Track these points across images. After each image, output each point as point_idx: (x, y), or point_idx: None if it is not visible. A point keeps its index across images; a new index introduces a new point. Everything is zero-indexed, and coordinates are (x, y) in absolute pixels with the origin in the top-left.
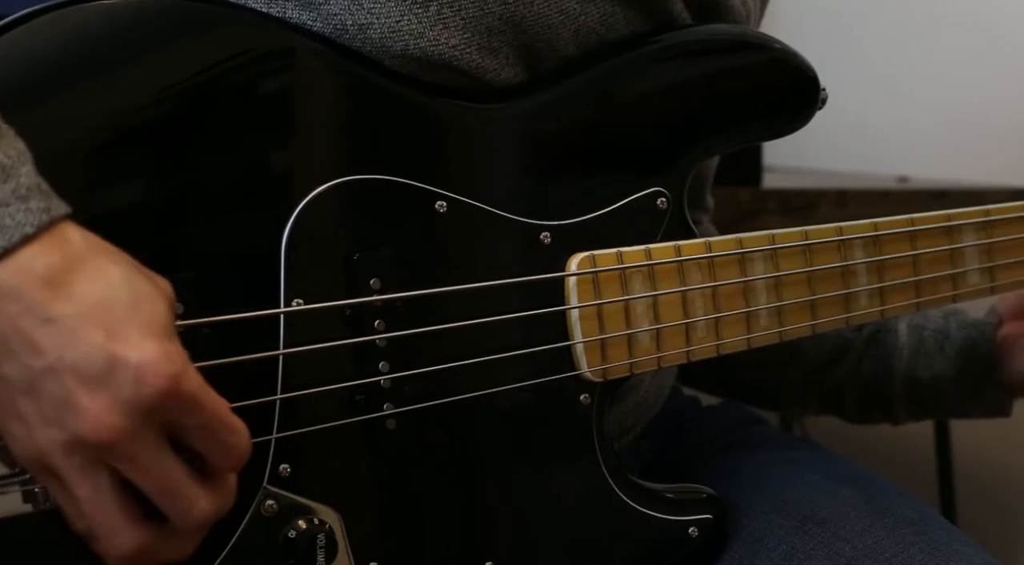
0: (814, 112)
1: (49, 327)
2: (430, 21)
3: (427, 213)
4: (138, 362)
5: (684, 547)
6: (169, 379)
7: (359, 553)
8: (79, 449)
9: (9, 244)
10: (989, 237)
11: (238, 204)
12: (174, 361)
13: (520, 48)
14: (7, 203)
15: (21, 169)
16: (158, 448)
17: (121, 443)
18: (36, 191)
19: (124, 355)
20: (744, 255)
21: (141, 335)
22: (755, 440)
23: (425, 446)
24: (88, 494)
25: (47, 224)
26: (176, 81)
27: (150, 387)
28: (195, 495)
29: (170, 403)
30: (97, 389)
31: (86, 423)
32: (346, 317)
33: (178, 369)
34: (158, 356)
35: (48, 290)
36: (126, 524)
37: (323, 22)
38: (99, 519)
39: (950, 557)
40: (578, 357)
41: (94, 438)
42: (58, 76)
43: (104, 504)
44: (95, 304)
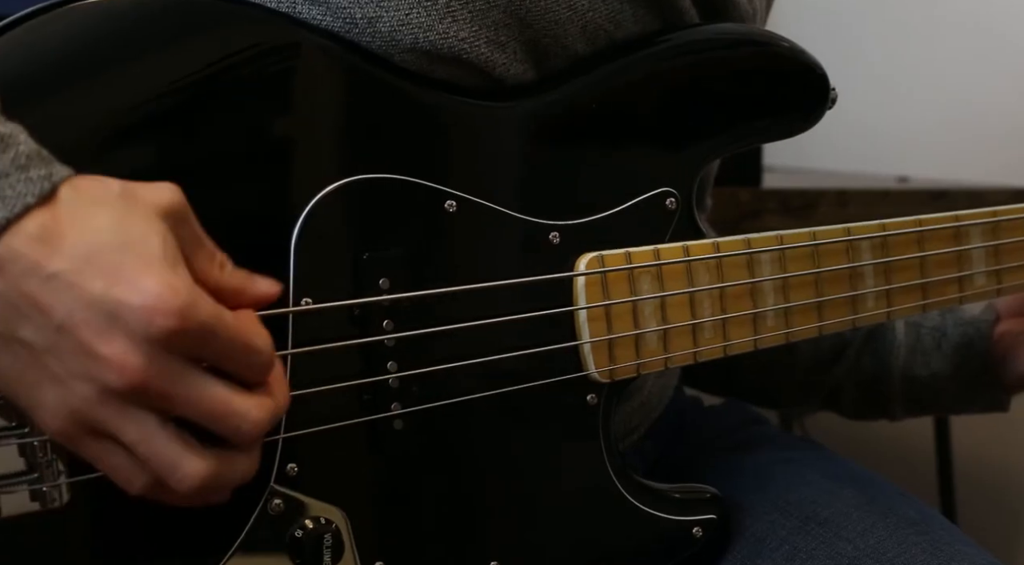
0: (824, 111)
1: (51, 284)
2: (439, 14)
3: (436, 213)
4: (141, 302)
5: (688, 547)
6: (175, 314)
7: (365, 553)
8: (113, 397)
9: (11, 215)
10: (996, 239)
11: (247, 203)
12: (178, 293)
13: (527, 43)
14: (7, 173)
15: (19, 137)
16: (189, 376)
17: (149, 381)
18: (36, 158)
19: (126, 298)
20: (752, 256)
21: (139, 273)
22: (757, 440)
23: (432, 446)
24: (137, 436)
25: (49, 191)
26: (182, 78)
27: (160, 325)
28: (243, 409)
29: (183, 336)
30: (110, 336)
31: (110, 370)
32: (355, 316)
33: (182, 301)
34: (160, 292)
35: (41, 247)
36: (185, 455)
37: (332, 16)
38: (157, 458)
39: (952, 557)
40: (586, 358)
41: (122, 383)
42: (62, 74)
43: (156, 442)
44: (87, 253)
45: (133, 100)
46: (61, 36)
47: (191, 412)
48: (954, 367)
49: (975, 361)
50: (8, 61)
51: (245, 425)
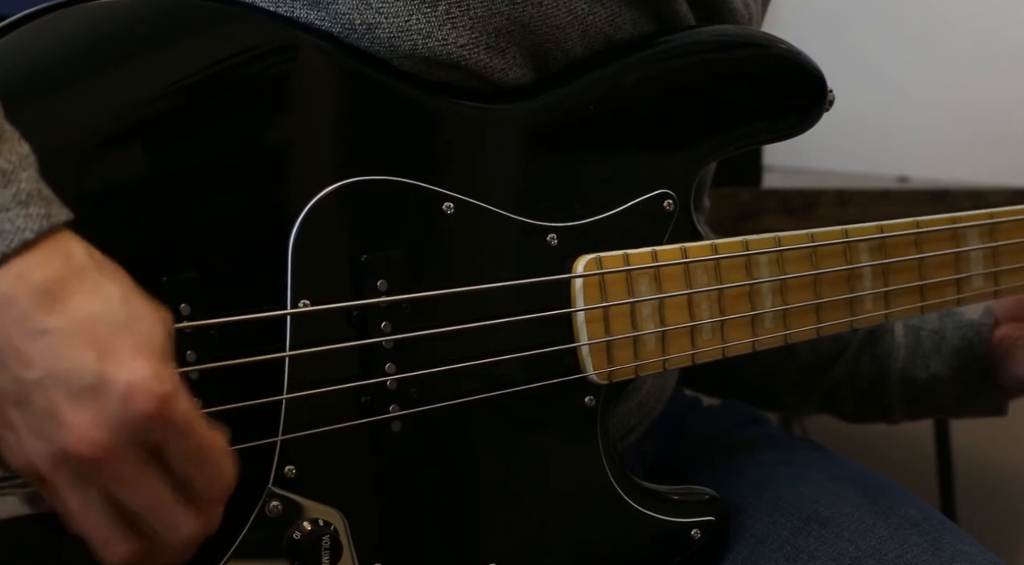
0: (822, 113)
1: (40, 339)
2: (439, 20)
3: (434, 214)
4: (127, 381)
5: (686, 549)
6: (157, 401)
7: (364, 555)
8: (65, 462)
9: (8, 250)
10: (994, 241)
11: (245, 205)
12: (164, 383)
13: (528, 49)
14: (7, 208)
15: (22, 174)
16: (143, 468)
17: (104, 460)
18: (37, 197)
19: (114, 373)
20: (750, 258)
21: (133, 355)
22: (756, 440)
23: (430, 448)
24: (78, 506)
25: (47, 230)
26: (180, 81)
27: (137, 407)
28: (180, 517)
29: (156, 425)
30: (83, 405)
31: (70, 437)
32: (352, 318)
33: (167, 392)
34: (148, 377)
35: (43, 302)
36: (116, 535)
37: (331, 21)
38: (90, 530)
39: (954, 557)
40: (584, 359)
41: (77, 452)
42: (60, 76)
43: (94, 516)
44: (89, 320)
45: (131, 102)
46: (61, 37)
47: (131, 500)
48: (953, 370)
49: (974, 364)
50: (8, 62)
51: (178, 532)
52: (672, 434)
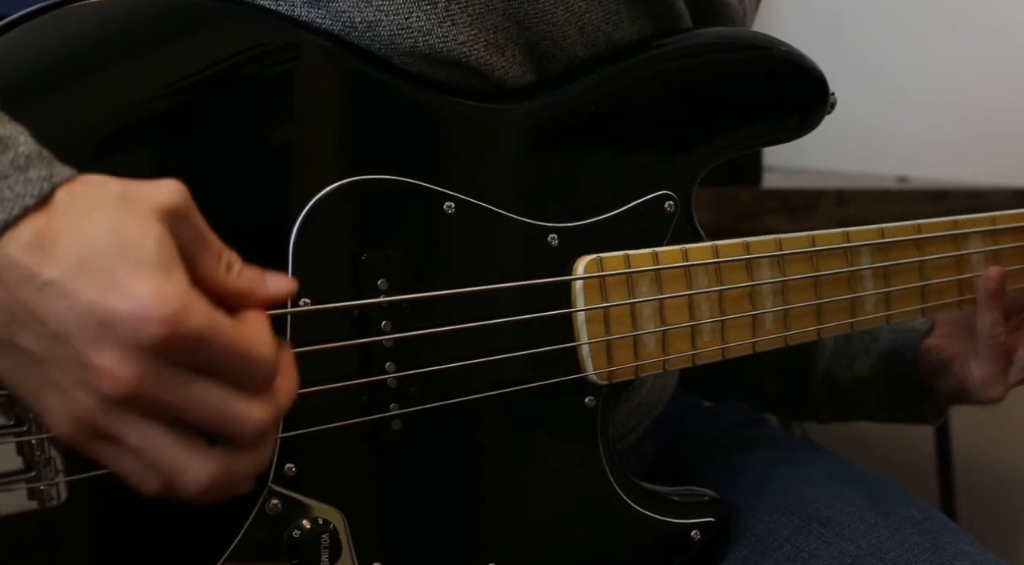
0: (823, 115)
1: (45, 292)
2: (438, 18)
3: (435, 214)
4: (130, 310)
5: (686, 550)
6: (164, 322)
7: (363, 554)
8: (113, 405)
9: (9, 217)
10: (995, 244)
11: (246, 203)
12: (168, 301)
13: (526, 46)
14: (5, 175)
15: (19, 137)
16: (184, 382)
17: (144, 390)
18: (36, 159)
19: (115, 306)
20: (751, 260)
21: (132, 280)
22: (756, 440)
23: (430, 447)
24: (142, 442)
25: (49, 192)
26: (181, 79)
27: (149, 334)
28: (243, 410)
29: (173, 344)
30: (102, 345)
31: (103, 381)
32: (353, 317)
33: (173, 310)
34: (150, 299)
35: (36, 254)
36: (192, 456)
37: (332, 19)
38: (164, 462)
39: (954, 557)
40: (584, 359)
41: (117, 392)
42: (62, 74)
43: (162, 446)
44: (80, 260)
45: (132, 100)
46: (61, 36)
47: (190, 415)
48: (875, 373)
49: (898, 369)
50: (8, 61)
51: (246, 427)
52: (672, 434)
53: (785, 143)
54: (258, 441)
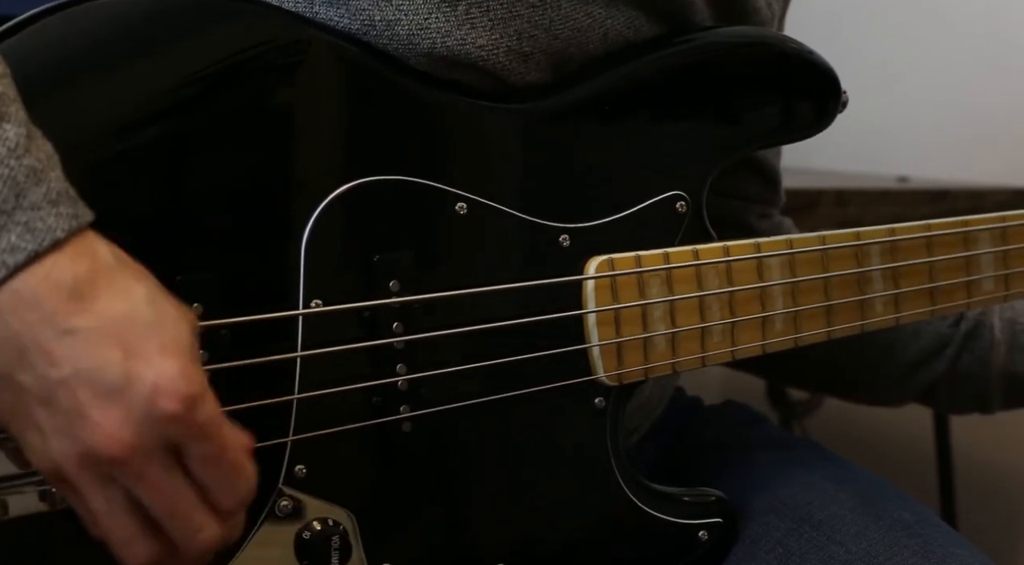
0: (836, 113)
1: (67, 339)
2: (458, 20)
3: (447, 214)
4: (154, 381)
5: (694, 550)
6: (183, 401)
7: (373, 555)
8: (91, 463)
9: (40, 248)
10: (1005, 244)
11: (258, 204)
12: (192, 384)
13: (553, 54)
14: (38, 207)
15: (51, 173)
16: (167, 469)
17: (130, 460)
18: (65, 196)
19: (141, 373)
20: (761, 260)
21: (161, 354)
22: (756, 440)
23: (440, 449)
24: (101, 507)
25: (76, 230)
26: (190, 80)
27: (163, 407)
28: (200, 521)
29: (182, 426)
30: (110, 404)
31: (96, 437)
32: (364, 319)
33: (195, 392)
34: (175, 376)
35: (70, 302)
36: (138, 537)
37: (351, 18)
38: (112, 531)
39: (944, 559)
40: (594, 361)
41: (104, 453)
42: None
43: (117, 517)
44: (117, 319)
45: (142, 101)
46: (69, 37)
47: (153, 502)
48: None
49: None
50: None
51: (198, 536)
52: (673, 435)
53: (797, 141)
54: (197, 554)
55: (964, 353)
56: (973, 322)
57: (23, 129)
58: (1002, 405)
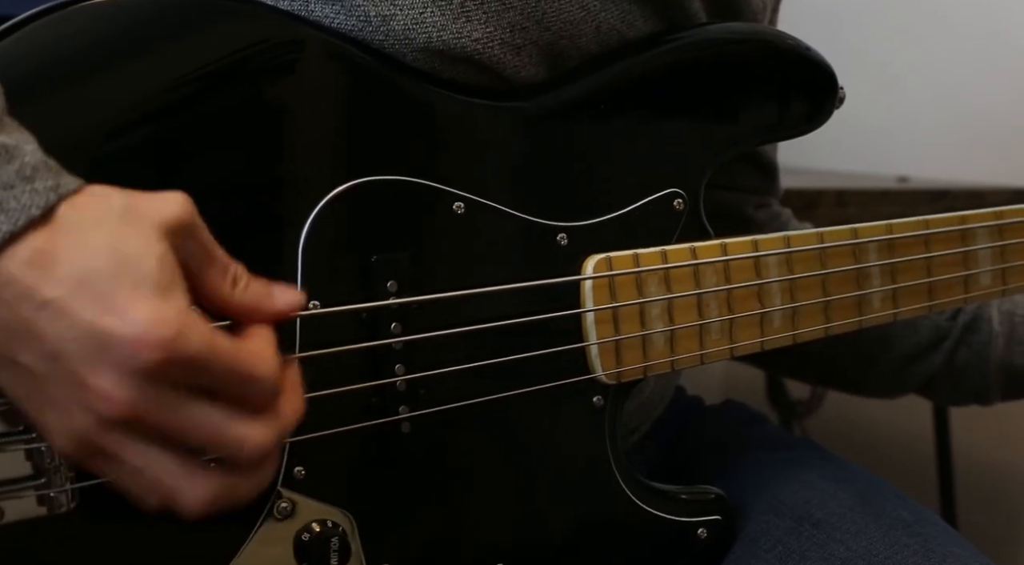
0: (832, 110)
1: (44, 311)
2: (453, 14)
3: (445, 214)
4: (127, 334)
5: (693, 548)
6: (162, 346)
7: (372, 556)
8: (110, 426)
9: (15, 228)
10: (1002, 239)
11: (255, 205)
12: (167, 324)
13: (544, 47)
14: (11, 185)
15: (26, 148)
16: (181, 405)
17: (141, 413)
18: (43, 168)
19: (113, 328)
20: (759, 258)
21: (130, 302)
22: (755, 440)
23: (439, 449)
24: (141, 463)
25: (55, 203)
26: (186, 80)
27: (147, 358)
28: (242, 432)
29: (171, 368)
30: (98, 367)
31: (101, 403)
32: (362, 319)
33: (170, 333)
34: (147, 323)
35: (36, 272)
36: (190, 477)
37: (346, 14)
38: (163, 482)
39: (944, 558)
40: (593, 360)
41: (113, 415)
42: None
43: (160, 467)
44: (79, 279)
45: (138, 102)
46: (64, 37)
47: (188, 439)
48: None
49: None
50: (16, 62)
51: (244, 450)
52: (673, 434)
53: (794, 138)
54: (258, 462)
55: (962, 346)
56: (971, 315)
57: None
58: (1000, 397)
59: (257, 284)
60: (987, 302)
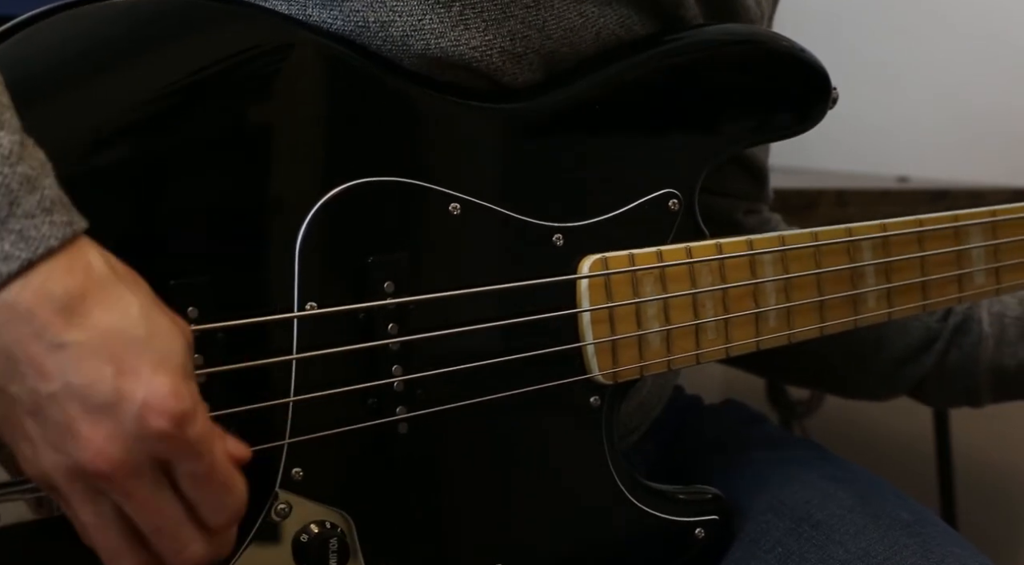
0: (825, 111)
1: (59, 353)
2: (452, 21)
3: (441, 215)
4: (144, 398)
5: (691, 548)
6: (173, 419)
7: (371, 557)
8: (80, 476)
9: (34, 256)
10: (996, 238)
11: (252, 207)
12: (182, 401)
13: (546, 55)
14: (32, 215)
15: (45, 181)
16: (155, 485)
17: (118, 476)
18: (59, 204)
19: (131, 389)
20: (754, 257)
21: (152, 371)
22: (755, 440)
23: (437, 450)
24: (90, 519)
25: (70, 237)
26: (181, 83)
27: (153, 425)
28: (187, 538)
29: (171, 444)
30: (100, 420)
31: (85, 453)
32: (359, 320)
33: (185, 410)
34: (166, 394)
35: (62, 315)
36: (126, 550)
37: (344, 19)
38: (101, 542)
39: (943, 558)
40: (589, 360)
41: (92, 468)
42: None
43: (105, 529)
44: (108, 334)
45: (135, 105)
46: (60, 41)
47: (141, 518)
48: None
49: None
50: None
51: (184, 553)
52: (672, 434)
53: (788, 139)
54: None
55: (952, 348)
56: (961, 316)
57: (17, 136)
58: (991, 399)
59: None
60: (977, 303)
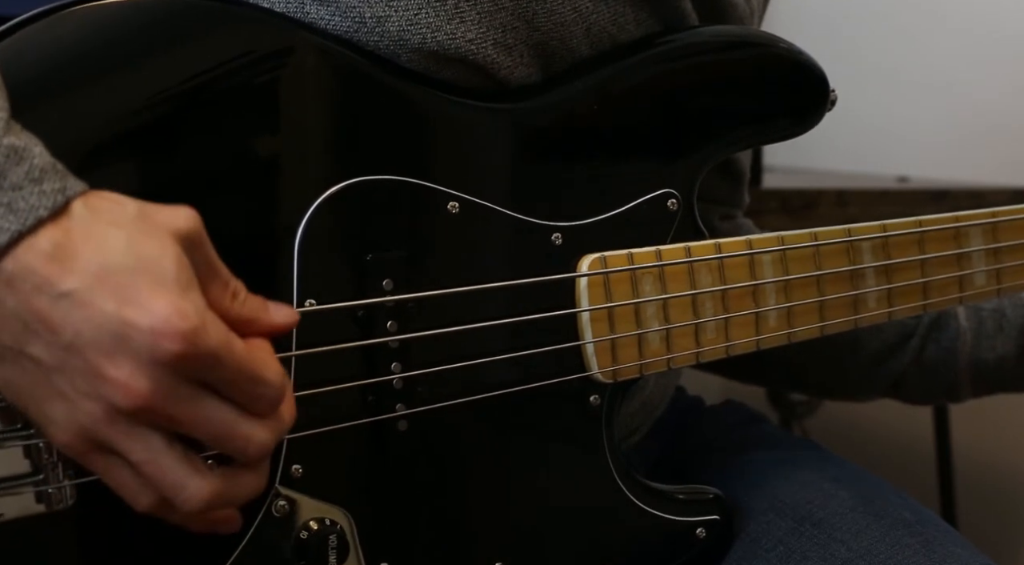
0: (824, 113)
1: (62, 302)
2: (447, 15)
3: (439, 214)
4: (149, 325)
5: (691, 548)
6: (184, 338)
7: (370, 554)
8: (120, 417)
9: (24, 228)
10: (996, 240)
11: (251, 205)
12: (187, 317)
13: (535, 47)
14: (20, 186)
15: (35, 149)
16: (195, 400)
17: (155, 404)
18: (51, 171)
19: (135, 320)
20: (753, 257)
21: (151, 296)
22: (756, 440)
23: (436, 447)
24: (144, 456)
25: (62, 205)
26: (181, 82)
27: (167, 349)
28: (247, 431)
29: (189, 361)
30: (117, 357)
31: (117, 392)
32: (358, 318)
33: (191, 326)
34: (169, 315)
35: (54, 264)
36: (191, 475)
37: (341, 16)
38: (163, 478)
39: (945, 558)
40: (589, 358)
41: (128, 405)
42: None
43: (162, 461)
44: (100, 272)
45: (135, 104)
46: (60, 40)
47: (196, 432)
48: (1019, 348)
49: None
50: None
51: (249, 447)
52: (674, 434)
53: (786, 140)
54: (258, 463)
55: (929, 343)
56: (935, 312)
57: (3, 113)
58: (972, 393)
59: (255, 299)
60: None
